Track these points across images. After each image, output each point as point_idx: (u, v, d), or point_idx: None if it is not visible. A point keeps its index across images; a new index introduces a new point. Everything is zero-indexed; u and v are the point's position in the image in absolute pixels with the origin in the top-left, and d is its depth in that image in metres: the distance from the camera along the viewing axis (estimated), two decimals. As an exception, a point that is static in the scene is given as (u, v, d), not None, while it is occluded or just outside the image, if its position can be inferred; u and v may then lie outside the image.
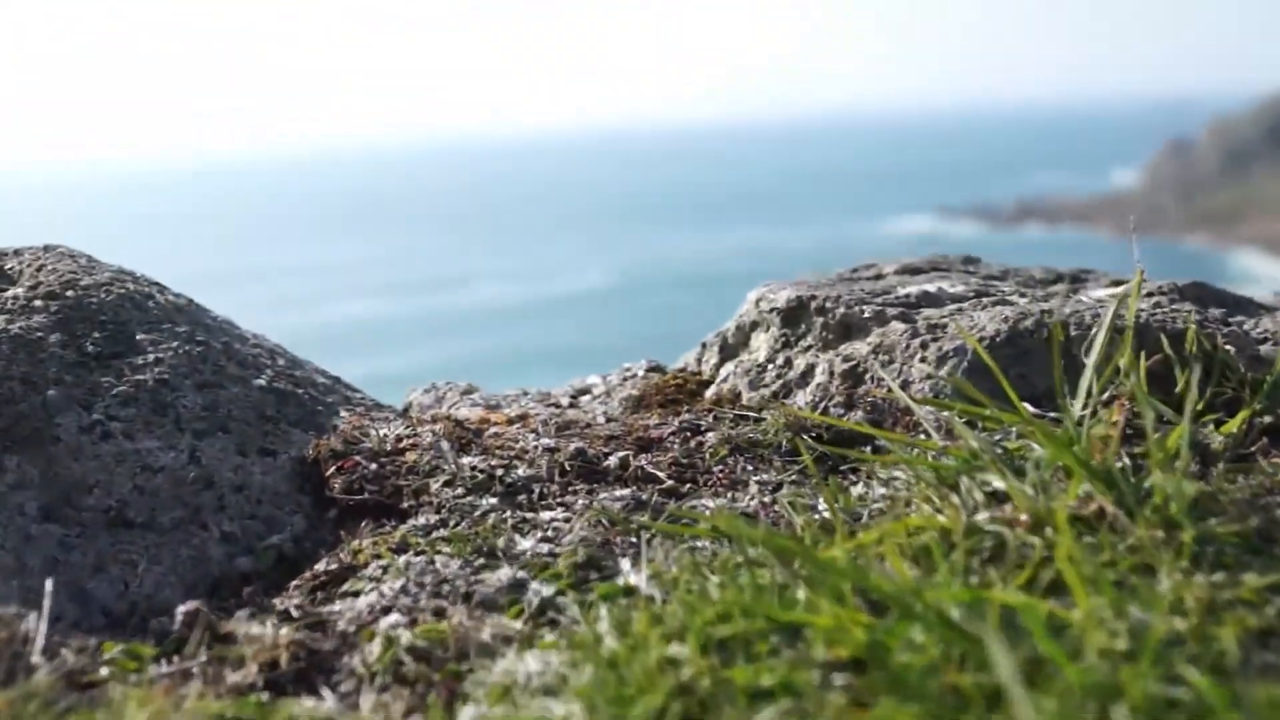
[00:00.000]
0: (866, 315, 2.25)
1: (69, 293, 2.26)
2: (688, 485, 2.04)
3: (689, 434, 2.20)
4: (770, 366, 2.30)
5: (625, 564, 1.76)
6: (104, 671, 1.58)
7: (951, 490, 1.77)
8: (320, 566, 1.86)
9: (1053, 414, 2.01)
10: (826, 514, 1.87)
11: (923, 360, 2.12)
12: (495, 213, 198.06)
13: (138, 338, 2.21)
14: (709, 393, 2.39)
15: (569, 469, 2.07)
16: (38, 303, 2.22)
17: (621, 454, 2.12)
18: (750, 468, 2.08)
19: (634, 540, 1.83)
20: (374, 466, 2.07)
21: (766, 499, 1.97)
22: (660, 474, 2.06)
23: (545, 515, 1.92)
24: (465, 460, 2.07)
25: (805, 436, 2.12)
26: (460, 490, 1.99)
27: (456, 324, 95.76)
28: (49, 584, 1.74)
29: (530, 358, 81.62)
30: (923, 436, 2.07)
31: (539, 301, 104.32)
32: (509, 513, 1.93)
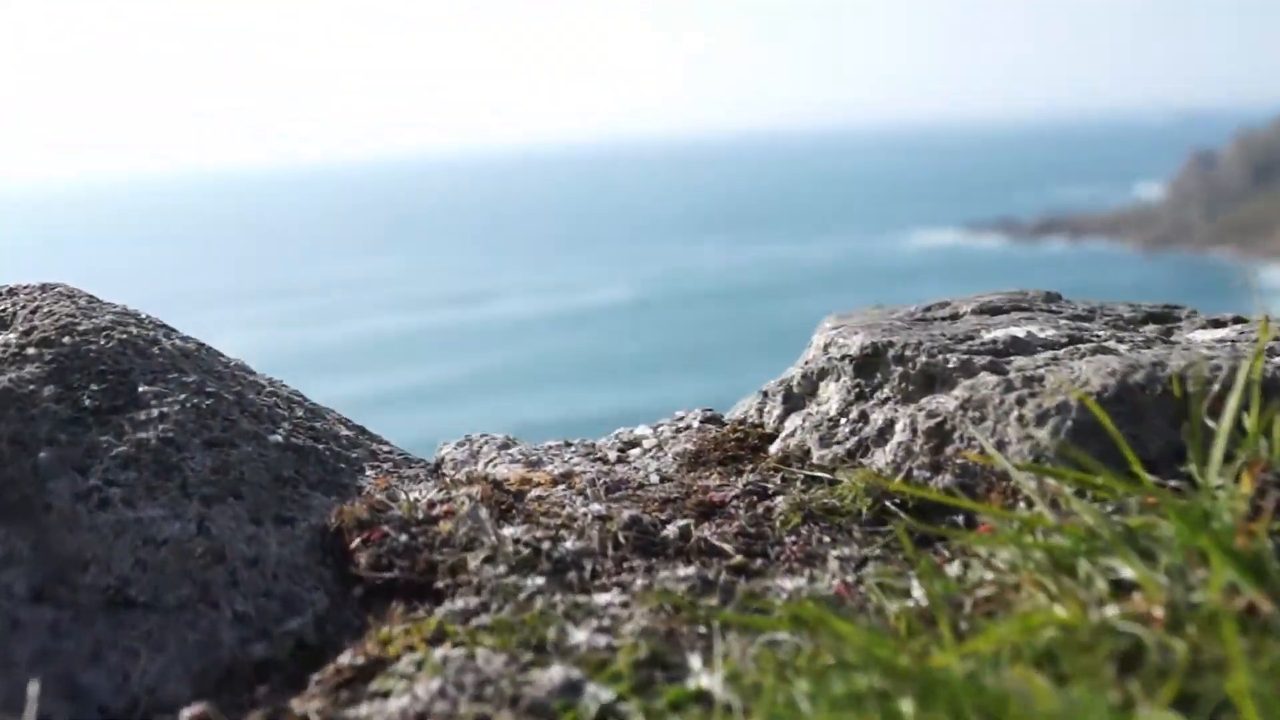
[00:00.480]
0: (952, 365, 2.01)
1: (66, 339, 2.04)
2: (758, 560, 1.81)
3: (755, 498, 1.97)
4: (843, 421, 2.07)
5: (695, 661, 1.53)
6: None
7: (1068, 576, 1.54)
8: (345, 660, 1.63)
9: (1173, 483, 1.78)
10: (921, 598, 1.64)
11: (1020, 418, 1.88)
12: (516, 226, 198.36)
13: (140, 390, 1.99)
14: (774, 448, 2.16)
15: (623, 541, 1.84)
16: (31, 350, 1.99)
17: (681, 522, 1.89)
18: (827, 539, 1.84)
19: (702, 630, 1.60)
20: (404, 538, 1.84)
21: (849, 578, 1.74)
22: (726, 546, 1.83)
23: (600, 599, 1.69)
24: (507, 531, 1.84)
25: (888, 503, 1.89)
26: (502, 568, 1.75)
27: (480, 338, 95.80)
28: (34, 685, 1.52)
29: (554, 371, 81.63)
30: (1021, 506, 1.84)
31: (561, 315, 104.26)
32: (558, 595, 1.69)
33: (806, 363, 2.23)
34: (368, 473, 2.12)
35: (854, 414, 2.07)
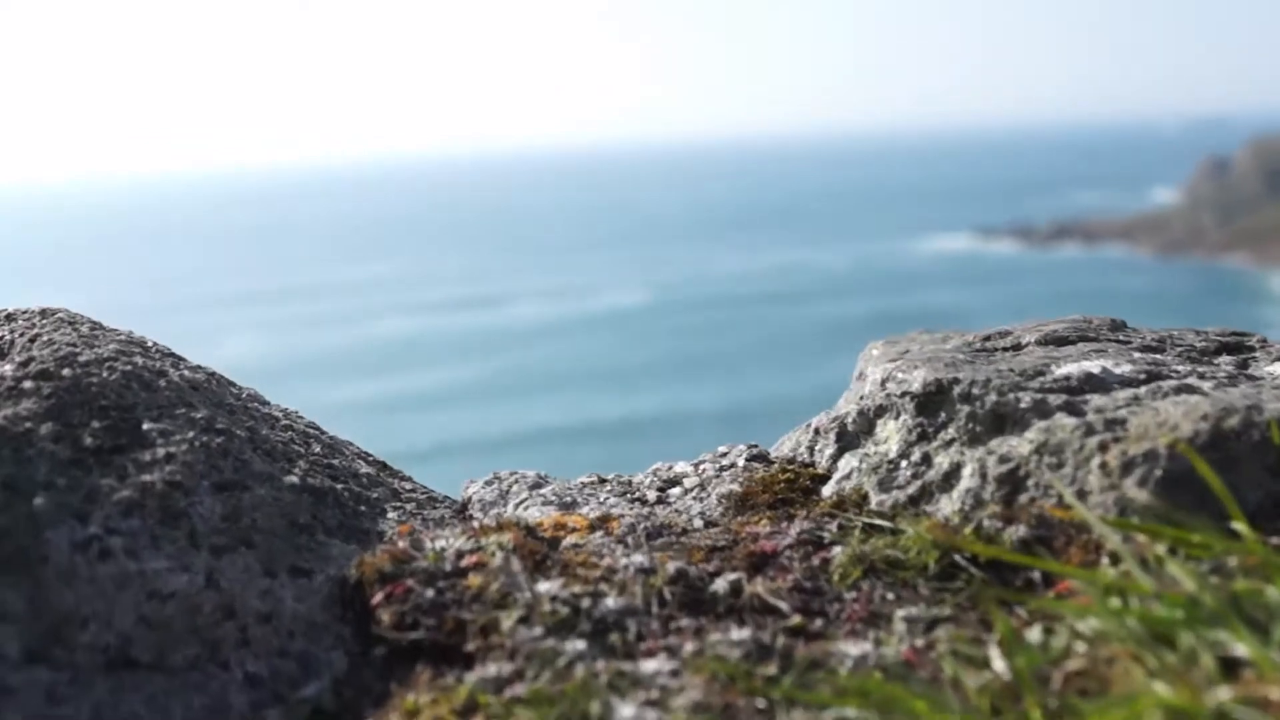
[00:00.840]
0: (1024, 405, 1.85)
1: (65, 371, 1.89)
2: (817, 620, 1.65)
3: (810, 547, 1.81)
4: (904, 463, 1.91)
5: (756, 743, 1.38)
6: None
7: (1169, 649, 1.39)
8: (366, 734, 1.48)
9: (1275, 539, 1.63)
10: (1003, 670, 1.48)
11: (1102, 466, 1.72)
12: (529, 229, 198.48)
13: (145, 427, 1.84)
14: (827, 491, 2.00)
15: (669, 597, 1.68)
16: (28, 384, 1.84)
17: (732, 576, 1.73)
18: (891, 596, 1.69)
19: (761, 705, 1.45)
20: (430, 593, 1.68)
21: (919, 642, 1.58)
22: (782, 604, 1.67)
23: (647, 666, 1.53)
24: (543, 587, 1.68)
25: (958, 556, 1.73)
26: (538, 629, 1.60)
27: (491, 341, 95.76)
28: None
29: (566, 376, 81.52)
30: (1105, 563, 1.69)
31: (575, 319, 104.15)
32: (601, 662, 1.54)
33: (862, 398, 2.07)
34: (390, 515, 1.97)
35: (916, 456, 1.91)
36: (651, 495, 2.10)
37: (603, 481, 2.22)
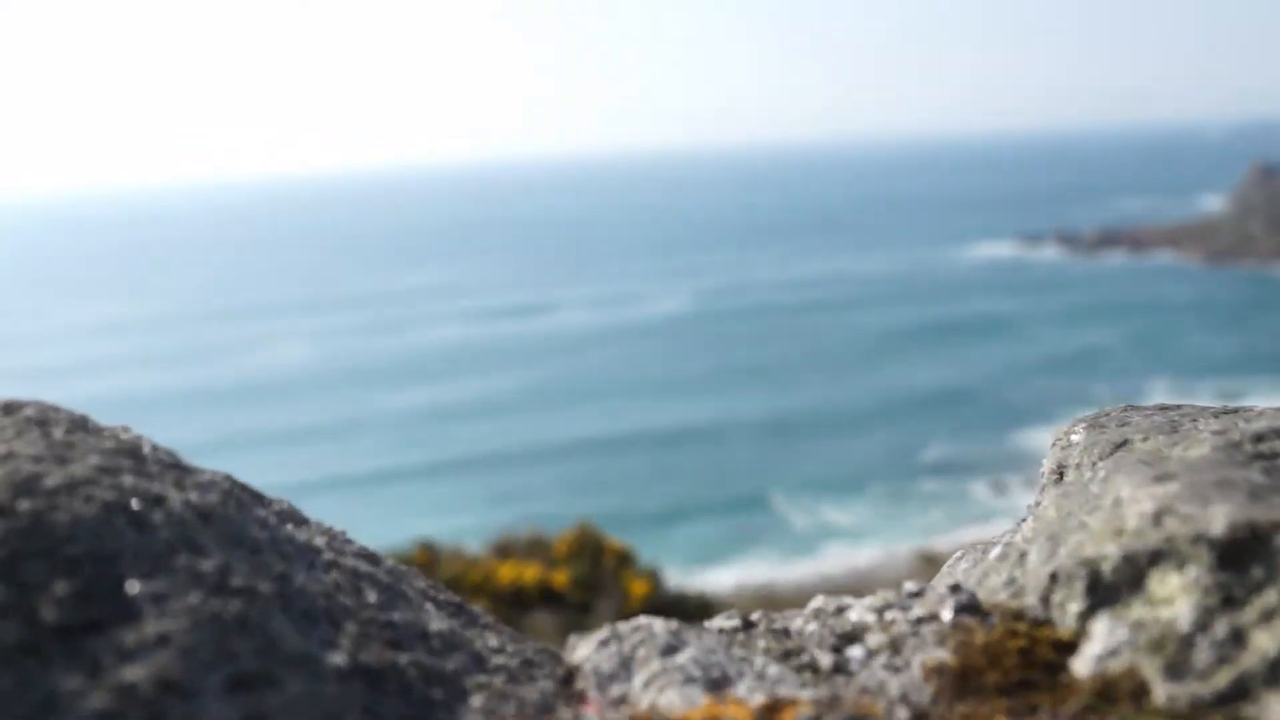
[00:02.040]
0: (1389, 565, 1.28)
1: (23, 503, 1.34)
2: None
3: (1083, 772, 1.26)
4: (1201, 639, 1.34)
5: None
6: None
7: None
8: None
9: None
10: None
11: None
12: (572, 236, 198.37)
13: (131, 591, 1.30)
14: (1081, 669, 1.43)
15: None
16: (-34, 527, 1.30)
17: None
18: None
19: None
20: None
21: None
22: None
23: None
24: None
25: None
26: None
27: (541, 349, 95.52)
28: None
29: (615, 385, 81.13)
30: None
31: (620, 327, 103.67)
32: None
33: (1120, 533, 1.50)
34: (474, 701, 1.41)
35: (1220, 630, 1.34)
36: (824, 659, 1.54)
37: (749, 628, 1.66)
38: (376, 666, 1.37)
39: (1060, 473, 1.89)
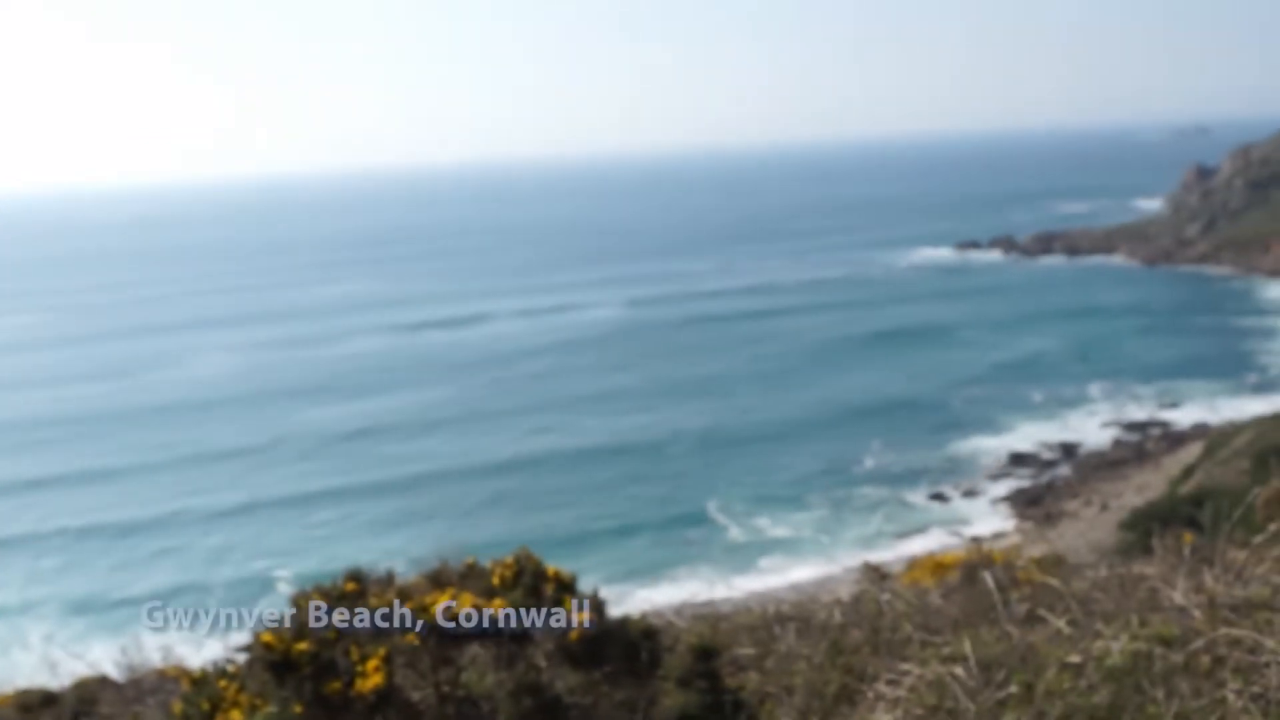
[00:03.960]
0: None
1: None
2: None
3: None
4: None
5: None
6: None
7: None
8: None
9: None
10: None
11: None
12: (495, 246, 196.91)
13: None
14: None
15: None
16: None
17: None
18: None
19: None
20: None
21: None
22: None
23: None
24: None
25: None
26: None
27: (472, 361, 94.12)
28: None
29: (547, 399, 79.68)
30: None
31: (552, 340, 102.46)
32: None
33: None
34: None
35: None
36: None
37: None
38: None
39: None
